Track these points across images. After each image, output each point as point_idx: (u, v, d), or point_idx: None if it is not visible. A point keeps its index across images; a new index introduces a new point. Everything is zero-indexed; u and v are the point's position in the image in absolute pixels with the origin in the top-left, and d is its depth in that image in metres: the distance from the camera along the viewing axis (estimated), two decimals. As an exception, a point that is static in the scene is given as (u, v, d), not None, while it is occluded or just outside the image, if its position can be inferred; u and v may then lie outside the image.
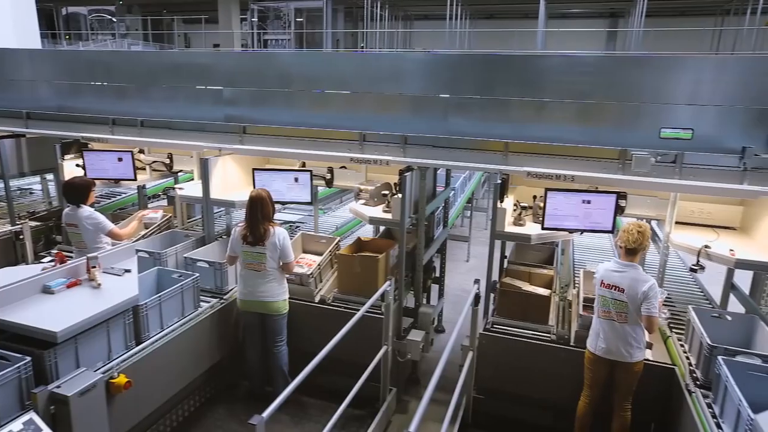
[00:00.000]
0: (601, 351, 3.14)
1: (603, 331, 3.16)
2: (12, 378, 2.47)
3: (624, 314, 3.09)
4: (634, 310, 3.06)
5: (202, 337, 3.73)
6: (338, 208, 7.40)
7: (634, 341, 3.08)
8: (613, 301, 3.12)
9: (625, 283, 3.09)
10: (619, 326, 3.11)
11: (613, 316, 3.13)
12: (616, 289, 3.12)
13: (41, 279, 3.05)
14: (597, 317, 3.22)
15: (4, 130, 5.49)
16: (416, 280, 4.34)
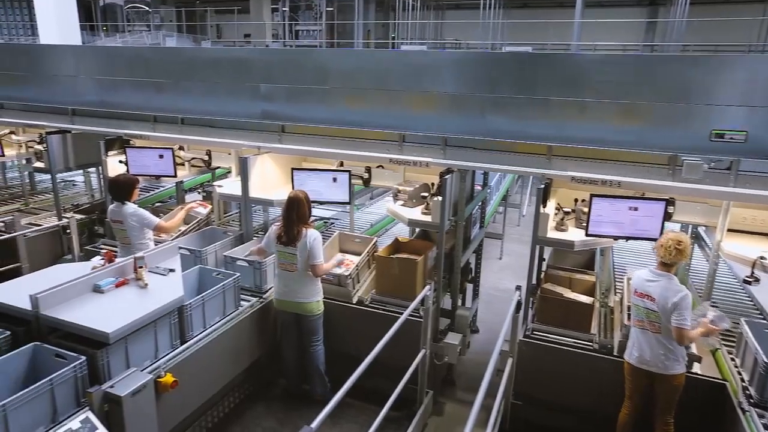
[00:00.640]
0: (635, 360, 3.11)
1: (637, 341, 3.13)
2: (69, 377, 2.56)
3: (657, 324, 3.04)
4: (666, 321, 3.00)
5: (242, 336, 3.79)
6: (371, 204, 7.40)
7: (669, 353, 3.01)
8: (646, 310, 3.08)
9: (656, 292, 3.03)
10: (652, 336, 3.06)
11: (646, 325, 3.09)
12: (648, 299, 3.07)
13: (92, 278, 3.13)
14: (633, 326, 3.19)
15: (51, 126, 5.64)
16: (453, 282, 4.31)
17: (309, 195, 4.31)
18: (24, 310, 2.87)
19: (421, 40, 16.70)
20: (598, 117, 3.82)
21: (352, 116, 4.94)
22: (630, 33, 17.80)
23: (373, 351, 2.92)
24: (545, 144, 3.78)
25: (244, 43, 19.19)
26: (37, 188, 7.15)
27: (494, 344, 5.14)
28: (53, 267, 3.55)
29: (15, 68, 6.57)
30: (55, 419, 2.53)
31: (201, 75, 5.64)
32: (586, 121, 3.86)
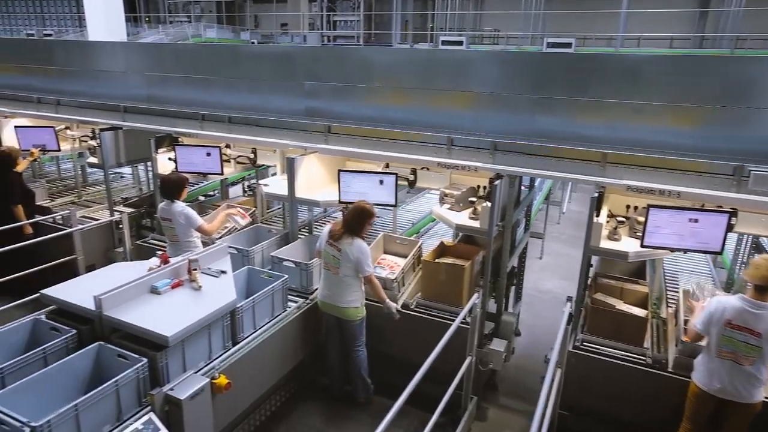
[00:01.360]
0: (715, 390, 2.95)
1: (721, 372, 2.93)
2: (132, 378, 2.65)
3: (753, 358, 2.85)
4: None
5: (289, 337, 3.85)
6: (410, 201, 7.37)
7: (757, 382, 2.87)
8: (744, 344, 2.85)
9: (763, 327, 2.79)
10: (741, 367, 2.88)
11: (737, 357, 2.88)
12: (750, 333, 2.82)
13: (149, 280, 3.22)
14: (714, 356, 2.95)
15: (104, 123, 5.82)
16: (499, 286, 4.27)
17: (355, 197, 4.35)
18: (89, 310, 2.99)
19: (460, 32, 16.42)
20: (655, 119, 3.70)
21: (396, 114, 4.93)
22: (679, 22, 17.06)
23: (428, 359, 2.91)
24: (599, 150, 3.68)
25: (281, 33, 19.28)
26: (88, 180, 7.40)
27: (536, 348, 5.15)
28: (112, 266, 3.68)
29: (70, 64, 6.81)
30: (120, 418, 2.63)
31: (246, 71, 5.73)
32: (641, 123, 3.74)
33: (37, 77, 7.05)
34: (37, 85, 7.01)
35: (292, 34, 19.15)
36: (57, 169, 7.71)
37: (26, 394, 2.53)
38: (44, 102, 6.34)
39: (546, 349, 5.19)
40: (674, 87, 3.65)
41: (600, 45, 16.28)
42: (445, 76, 4.83)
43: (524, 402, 4.47)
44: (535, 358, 5.03)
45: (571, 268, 7.58)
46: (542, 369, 4.71)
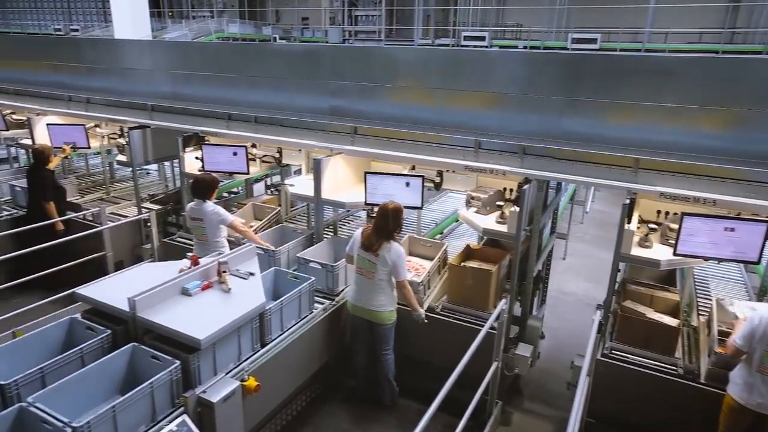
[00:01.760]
0: (754, 405, 2.88)
1: (762, 387, 2.86)
2: (166, 380, 2.70)
3: None
4: None
5: (315, 339, 3.88)
6: (433, 201, 7.34)
7: None
8: None
9: None
10: None
11: None
12: None
13: (181, 282, 3.27)
14: (755, 371, 2.89)
15: (132, 121, 5.90)
16: (525, 291, 4.24)
17: (381, 198, 4.34)
18: (123, 311, 3.04)
19: (482, 27, 16.25)
20: (689, 122, 3.62)
21: (421, 113, 4.92)
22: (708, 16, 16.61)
23: (459, 365, 2.91)
24: (632, 156, 3.61)
25: (302, 27, 19.31)
26: (115, 176, 7.53)
27: (561, 351, 5.10)
28: (141, 265, 3.74)
29: (99, 61, 6.94)
30: (154, 418, 2.69)
31: (271, 69, 5.77)
32: (675, 125, 3.67)
33: (67, 74, 7.19)
34: (68, 82, 7.16)
35: (314, 29, 19.16)
36: (85, 165, 7.86)
37: (65, 393, 2.59)
38: (75, 100, 6.45)
39: (570, 353, 5.15)
40: (710, 88, 3.57)
41: (626, 40, 15.96)
42: (471, 76, 4.80)
43: (548, 407, 4.45)
44: (558, 362, 5.00)
45: (594, 270, 7.50)
46: (567, 373, 4.69)
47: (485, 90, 4.64)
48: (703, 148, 3.54)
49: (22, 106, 6.76)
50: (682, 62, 4.06)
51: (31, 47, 8.22)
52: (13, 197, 6.21)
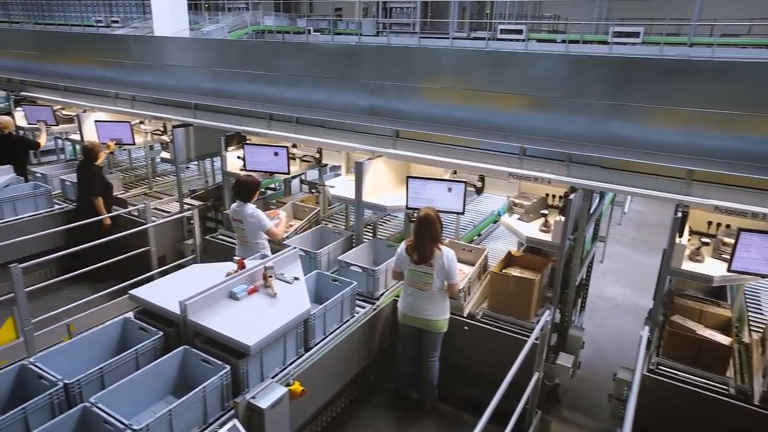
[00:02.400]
0: None
1: None
2: (217, 385, 2.77)
3: None
4: None
5: (357, 342, 3.92)
6: (469, 202, 7.28)
7: None
8: None
9: None
10: None
11: None
12: None
13: (228, 286, 3.34)
14: None
15: (176, 120, 6.03)
16: (567, 300, 4.18)
17: (423, 203, 4.34)
18: (174, 314, 3.14)
19: (519, 21, 15.94)
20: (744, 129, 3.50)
21: (463, 113, 4.88)
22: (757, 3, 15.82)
23: (507, 375, 2.93)
24: (684, 167, 3.50)
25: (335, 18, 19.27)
26: (157, 170, 7.72)
27: (600, 358, 5.03)
28: (190, 268, 3.82)
29: (144, 58, 7.12)
30: (206, 421, 2.77)
31: (311, 68, 5.81)
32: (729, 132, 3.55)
33: (115, 69, 7.40)
34: (115, 77, 7.37)
35: (347, 21, 19.13)
36: (129, 159, 8.09)
37: (122, 394, 2.69)
38: (121, 97, 6.62)
39: (610, 361, 5.10)
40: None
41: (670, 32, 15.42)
42: (515, 78, 4.74)
43: (588, 417, 4.40)
44: (597, 370, 4.93)
45: (633, 274, 7.35)
46: (606, 383, 4.63)
47: (529, 93, 4.58)
48: (760, 156, 3.42)
49: (72, 103, 6.98)
50: (740, 65, 3.92)
51: (81, 44, 8.48)
52: (63, 191, 6.43)
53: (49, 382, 2.70)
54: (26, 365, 2.80)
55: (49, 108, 7.17)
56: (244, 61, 6.44)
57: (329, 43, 12.68)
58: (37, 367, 2.79)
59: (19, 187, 5.99)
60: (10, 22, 23.53)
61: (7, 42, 9.52)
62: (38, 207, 5.92)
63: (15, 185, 5.98)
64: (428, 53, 5.99)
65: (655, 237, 8.70)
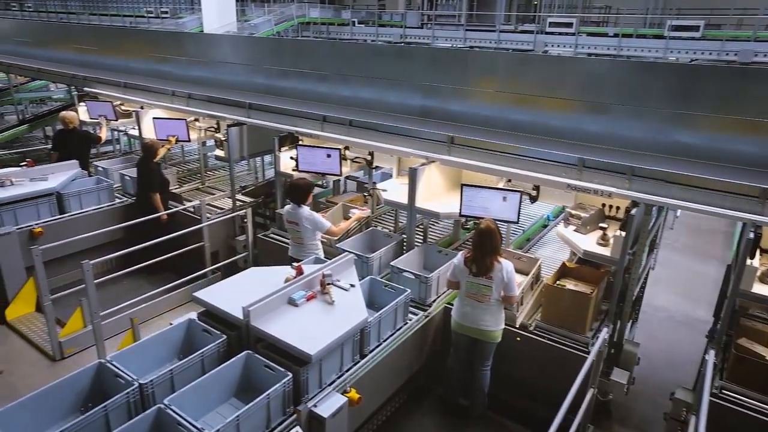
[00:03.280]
0: None
1: None
2: (280, 392, 2.87)
3: None
4: None
5: (409, 349, 3.96)
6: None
7: None
8: None
9: None
10: None
11: None
12: None
13: (288, 292, 3.43)
14: None
15: (231, 118, 6.17)
16: (623, 314, 4.10)
17: (476, 211, 4.33)
18: (237, 318, 3.25)
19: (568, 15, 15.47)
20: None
21: (516, 116, 4.83)
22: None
23: (570, 392, 2.88)
24: (758, 186, 3.36)
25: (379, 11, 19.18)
26: (208, 165, 7.93)
27: (652, 372, 4.92)
28: (249, 271, 3.94)
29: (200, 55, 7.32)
30: (268, 425, 2.87)
31: (363, 68, 5.84)
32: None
33: (170, 65, 7.64)
34: (170, 72, 7.61)
35: (392, 13, 19.02)
36: (181, 154, 8.34)
37: (191, 396, 2.82)
38: (177, 95, 6.82)
39: (663, 375, 4.99)
40: None
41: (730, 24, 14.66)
42: (574, 85, 4.64)
43: (641, 434, 4.33)
44: (649, 384, 4.83)
45: (687, 283, 7.12)
46: (660, 398, 4.54)
47: (587, 99, 4.48)
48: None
49: (132, 99, 7.23)
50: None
51: (138, 39, 8.78)
52: (122, 185, 6.70)
53: (125, 381, 2.86)
54: (104, 363, 2.97)
55: (110, 103, 7.45)
56: (295, 58, 6.52)
57: (382, 44, 12.67)
58: (114, 365, 2.95)
59: (85, 182, 6.28)
60: (67, 13, 24.44)
61: (68, 37, 9.94)
62: (101, 201, 6.20)
63: (80, 179, 6.27)
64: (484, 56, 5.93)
65: (711, 244, 8.39)
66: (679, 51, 11.95)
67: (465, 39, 15.31)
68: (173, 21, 19.93)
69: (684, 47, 11.93)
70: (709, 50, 11.66)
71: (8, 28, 11.85)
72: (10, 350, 4.91)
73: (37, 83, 12.68)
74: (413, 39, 16.59)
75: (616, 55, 12.83)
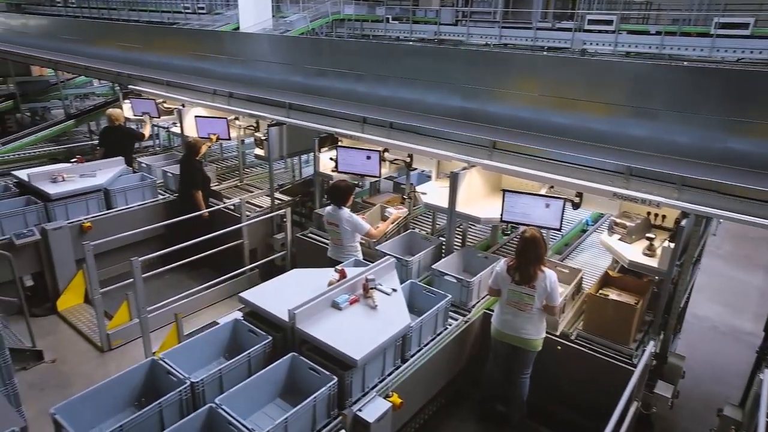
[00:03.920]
0: None
1: None
2: (325, 395, 2.92)
3: None
4: None
5: (449, 353, 3.97)
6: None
7: None
8: None
9: None
10: None
11: None
12: None
13: (332, 295, 3.48)
14: None
15: (271, 118, 6.26)
16: (669, 326, 4.02)
17: (518, 217, 4.30)
18: (283, 321, 3.31)
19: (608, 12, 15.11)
20: None
21: (558, 119, 4.77)
22: None
23: (618, 407, 2.84)
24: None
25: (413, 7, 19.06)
26: (246, 163, 8.07)
27: (696, 384, 4.80)
28: (292, 272, 4.00)
29: (239, 54, 7.45)
30: (313, 428, 2.93)
31: (403, 69, 5.85)
32: None
33: (211, 63, 7.80)
34: (210, 69, 7.77)
35: (426, 9, 18.91)
36: (220, 151, 8.51)
37: (239, 396, 2.90)
38: (219, 94, 6.95)
39: (706, 388, 4.88)
40: None
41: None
42: (621, 89, 4.55)
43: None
44: (692, 397, 4.74)
45: (730, 292, 6.92)
46: (703, 413, 4.44)
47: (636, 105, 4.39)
48: None
49: (174, 97, 7.40)
50: None
51: (181, 38, 8.98)
52: (164, 182, 6.88)
53: (177, 379, 2.95)
54: (157, 361, 3.07)
55: (153, 101, 7.65)
56: (333, 58, 6.57)
57: (422, 45, 12.64)
58: (166, 363, 3.05)
59: (130, 178, 6.47)
60: (109, 8, 25.10)
61: (113, 34, 10.23)
62: (145, 197, 6.38)
63: (125, 176, 6.46)
64: (526, 59, 5.86)
65: (756, 252, 8.13)
66: (726, 50, 11.52)
67: (500, 36, 15.11)
68: (210, 18, 20.26)
69: (731, 46, 11.49)
70: (758, 49, 11.20)
71: (56, 25, 12.26)
72: (61, 339, 5.13)
73: (82, 79, 13.09)
74: (447, 36, 16.46)
75: (658, 54, 12.46)
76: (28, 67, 11.79)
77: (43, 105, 12.51)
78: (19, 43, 11.83)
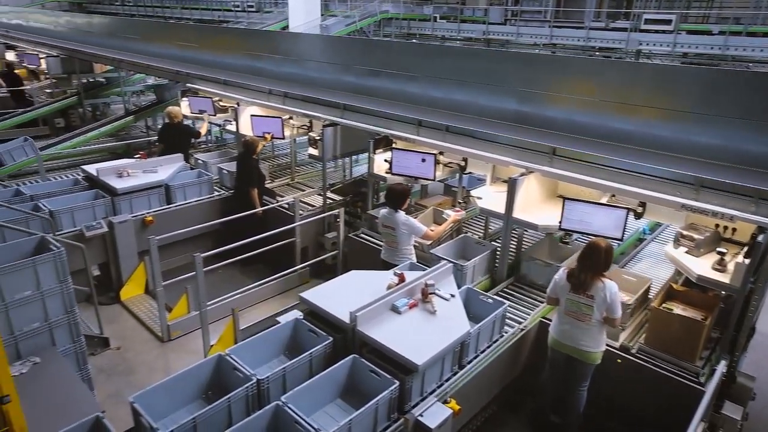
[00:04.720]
0: None
1: None
2: (387, 398, 2.95)
3: None
4: None
5: (504, 361, 3.94)
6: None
7: None
8: None
9: None
10: None
11: None
12: None
13: (391, 299, 3.50)
14: None
15: (325, 118, 6.34)
16: (738, 345, 3.85)
17: (577, 225, 4.21)
18: (344, 322, 3.37)
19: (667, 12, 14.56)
20: None
21: (618, 124, 4.65)
22: None
23: (691, 427, 2.82)
24: None
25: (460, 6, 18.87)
26: (298, 161, 8.20)
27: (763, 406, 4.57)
28: (351, 274, 4.04)
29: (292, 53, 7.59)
30: (375, 430, 2.96)
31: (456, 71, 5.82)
32: None
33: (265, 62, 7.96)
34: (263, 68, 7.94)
35: (474, 8, 18.70)
36: (272, 149, 8.69)
37: (303, 395, 2.96)
38: (274, 94, 7.09)
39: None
40: None
41: None
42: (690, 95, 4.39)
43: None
44: (761, 420, 4.53)
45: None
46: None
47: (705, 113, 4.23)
48: None
49: (231, 96, 7.59)
50: None
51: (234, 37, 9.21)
52: (220, 179, 7.08)
53: (243, 375, 3.04)
54: (224, 356, 3.17)
55: (210, 99, 7.87)
56: (386, 59, 6.59)
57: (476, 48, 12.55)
58: (233, 359, 3.14)
59: (188, 174, 6.69)
60: (162, 7, 25.95)
61: (171, 33, 10.59)
62: (202, 193, 6.58)
63: (184, 172, 6.68)
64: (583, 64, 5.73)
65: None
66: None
67: (551, 36, 14.79)
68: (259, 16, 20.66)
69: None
70: None
71: (118, 24, 12.78)
72: (124, 328, 5.36)
73: (138, 76, 13.58)
74: (496, 36, 16.22)
75: (720, 55, 11.93)
76: (91, 65, 12.31)
77: (104, 101, 13.05)
78: (82, 41, 12.39)
